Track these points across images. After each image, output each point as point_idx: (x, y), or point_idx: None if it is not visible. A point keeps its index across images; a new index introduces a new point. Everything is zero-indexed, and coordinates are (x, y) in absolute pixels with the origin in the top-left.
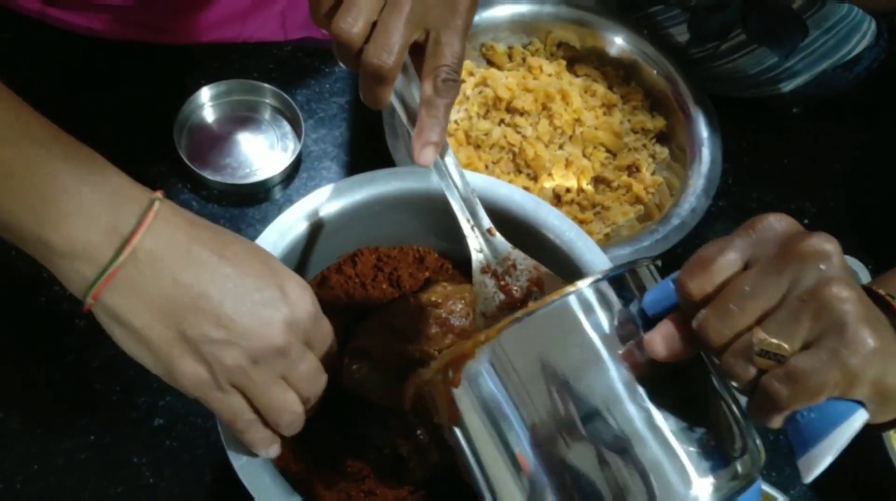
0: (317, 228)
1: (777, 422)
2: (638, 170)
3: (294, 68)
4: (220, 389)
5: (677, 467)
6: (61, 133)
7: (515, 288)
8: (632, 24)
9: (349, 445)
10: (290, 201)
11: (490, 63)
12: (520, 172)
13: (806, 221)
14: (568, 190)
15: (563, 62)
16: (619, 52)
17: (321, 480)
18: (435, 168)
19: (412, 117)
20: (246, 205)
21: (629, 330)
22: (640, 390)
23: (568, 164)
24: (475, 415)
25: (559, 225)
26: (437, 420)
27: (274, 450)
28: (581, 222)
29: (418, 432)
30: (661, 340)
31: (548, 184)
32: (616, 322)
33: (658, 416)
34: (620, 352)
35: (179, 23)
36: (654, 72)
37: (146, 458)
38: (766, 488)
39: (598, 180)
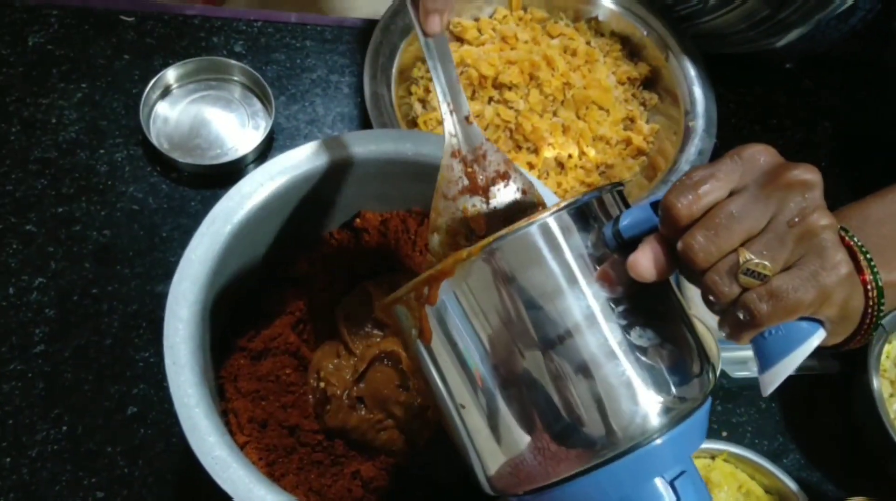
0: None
1: (746, 339)
2: (633, 121)
3: (264, 45)
4: None
5: (642, 387)
6: None
7: (481, 177)
8: None
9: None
10: None
11: (460, 40)
12: (520, 147)
13: None
14: (570, 156)
15: (537, 26)
16: (587, 3)
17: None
18: (425, 47)
19: None
20: (219, 186)
21: (603, 253)
22: (609, 310)
23: (565, 130)
24: (449, 334)
25: None
26: (403, 338)
27: None
28: (589, 185)
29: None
30: (646, 261)
31: (549, 154)
32: (591, 245)
33: (622, 336)
34: (595, 273)
35: None
36: (628, 19)
37: (120, 447)
38: (758, 459)
39: (596, 140)
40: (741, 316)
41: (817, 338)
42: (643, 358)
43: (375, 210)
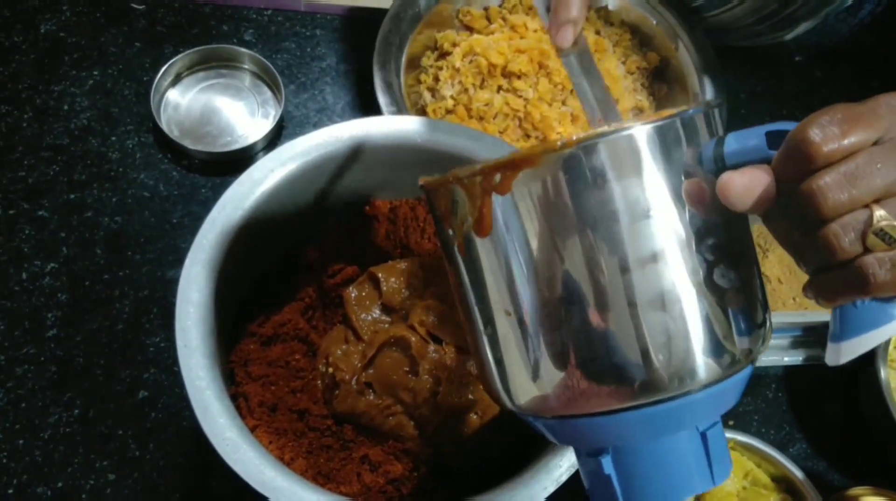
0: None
1: (839, 304)
2: (642, 111)
3: (273, 33)
4: None
5: (701, 328)
6: None
7: None
8: None
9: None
10: None
11: (469, 29)
12: (528, 136)
13: None
14: None
15: None
16: None
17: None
18: (565, 62)
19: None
20: (228, 174)
21: (701, 174)
22: (699, 241)
23: (574, 119)
24: (511, 232)
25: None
26: (446, 224)
27: None
28: None
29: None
30: (742, 186)
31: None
32: (694, 163)
33: (706, 272)
34: (690, 194)
35: None
36: (638, 9)
37: (131, 431)
38: (765, 447)
39: None
40: (850, 278)
41: None
42: (720, 301)
43: (385, 197)
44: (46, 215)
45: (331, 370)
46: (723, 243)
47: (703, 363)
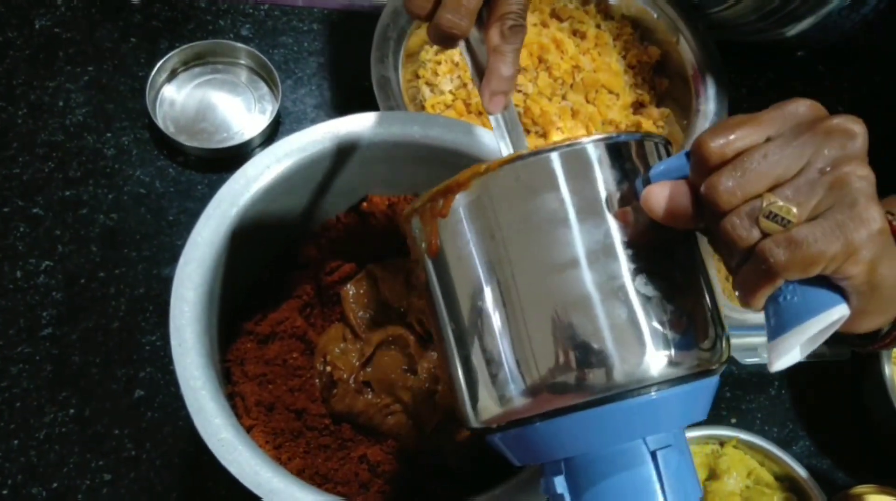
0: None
1: (761, 300)
2: (643, 106)
3: (270, 28)
4: None
5: (638, 333)
6: None
7: None
8: None
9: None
10: None
11: None
12: (528, 131)
13: None
14: None
15: (546, 9)
16: None
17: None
18: (493, 122)
19: (478, 65)
20: (225, 170)
21: (630, 195)
22: (620, 251)
23: (574, 114)
24: (455, 250)
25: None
26: (416, 255)
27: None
28: None
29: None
30: (660, 195)
31: (558, 138)
32: (620, 184)
33: (627, 279)
34: (616, 211)
35: None
36: (638, 2)
37: (127, 430)
38: (768, 445)
39: (606, 124)
40: (754, 266)
41: (838, 312)
42: (644, 307)
43: (383, 194)
44: (41, 213)
45: (329, 368)
46: (650, 257)
47: (629, 364)
